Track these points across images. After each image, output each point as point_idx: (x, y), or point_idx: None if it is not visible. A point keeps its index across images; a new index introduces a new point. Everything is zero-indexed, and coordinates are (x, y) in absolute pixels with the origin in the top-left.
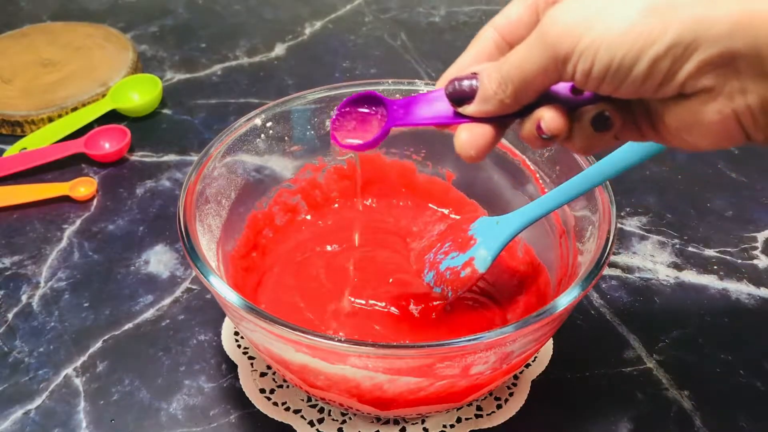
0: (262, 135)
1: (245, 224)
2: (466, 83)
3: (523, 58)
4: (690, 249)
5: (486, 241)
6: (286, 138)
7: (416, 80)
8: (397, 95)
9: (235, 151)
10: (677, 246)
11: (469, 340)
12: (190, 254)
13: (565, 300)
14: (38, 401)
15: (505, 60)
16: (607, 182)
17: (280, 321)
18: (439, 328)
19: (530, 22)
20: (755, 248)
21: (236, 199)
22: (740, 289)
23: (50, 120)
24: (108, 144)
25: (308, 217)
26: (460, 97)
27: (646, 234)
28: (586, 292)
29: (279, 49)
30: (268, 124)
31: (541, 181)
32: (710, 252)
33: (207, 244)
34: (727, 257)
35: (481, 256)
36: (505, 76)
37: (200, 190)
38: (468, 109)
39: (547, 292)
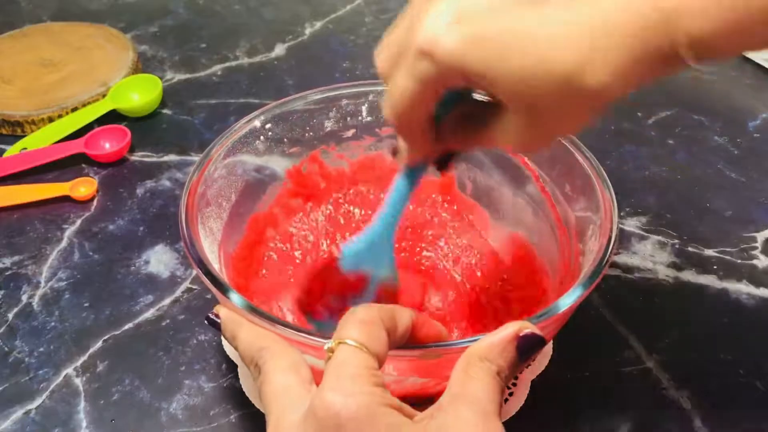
0: (262, 136)
1: (246, 225)
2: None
3: None
4: (690, 249)
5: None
6: (285, 139)
7: None
8: None
9: (236, 152)
10: (677, 246)
11: (472, 341)
12: (192, 254)
13: (567, 301)
14: (38, 401)
15: None
16: (608, 181)
17: (281, 321)
18: None
19: None
20: (755, 248)
21: (237, 201)
22: (740, 289)
23: (50, 120)
24: (108, 144)
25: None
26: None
27: (645, 234)
28: (589, 292)
29: (279, 49)
30: (269, 126)
31: (541, 180)
32: (710, 252)
33: (209, 246)
34: (727, 257)
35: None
36: None
37: (202, 191)
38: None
39: (549, 293)
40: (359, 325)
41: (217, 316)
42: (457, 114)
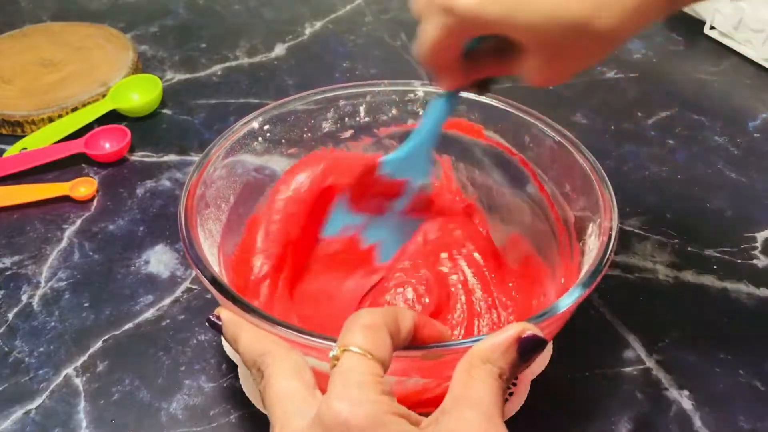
0: (261, 137)
1: (245, 227)
2: None
3: None
4: (690, 249)
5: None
6: (284, 140)
7: (413, 80)
8: (394, 96)
9: (235, 153)
10: (677, 246)
11: (474, 342)
12: (192, 255)
13: (567, 301)
14: (38, 401)
15: None
16: (608, 181)
17: (281, 322)
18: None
19: None
20: (755, 248)
21: (236, 202)
22: (740, 289)
23: (50, 120)
24: (108, 144)
25: None
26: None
27: (645, 234)
28: (589, 291)
29: (279, 49)
30: (267, 126)
31: (540, 180)
32: (710, 252)
33: (209, 249)
34: (727, 257)
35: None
36: None
37: (201, 193)
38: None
39: (549, 293)
40: (363, 330)
41: (218, 318)
42: (486, 47)
